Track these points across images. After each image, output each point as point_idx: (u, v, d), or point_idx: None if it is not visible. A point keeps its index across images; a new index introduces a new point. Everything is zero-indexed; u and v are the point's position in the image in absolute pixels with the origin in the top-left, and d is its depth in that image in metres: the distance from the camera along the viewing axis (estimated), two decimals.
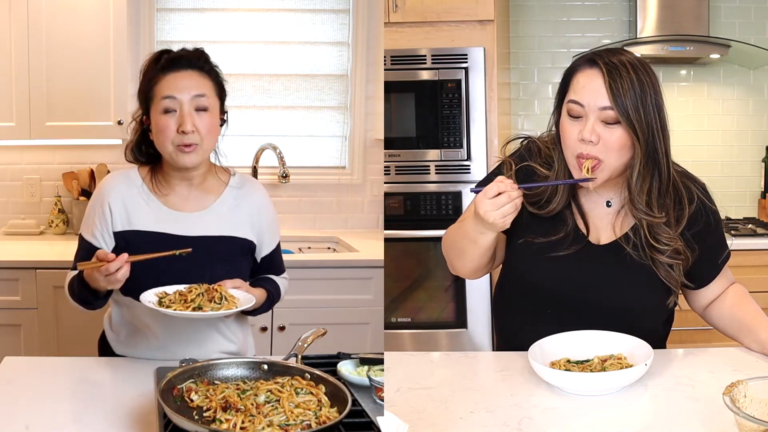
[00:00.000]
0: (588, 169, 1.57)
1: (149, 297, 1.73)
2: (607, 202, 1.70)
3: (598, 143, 1.54)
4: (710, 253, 1.72)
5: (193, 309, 1.68)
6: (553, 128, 1.69)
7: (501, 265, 1.85)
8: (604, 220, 1.70)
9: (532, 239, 1.69)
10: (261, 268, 2.00)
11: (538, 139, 1.75)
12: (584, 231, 1.68)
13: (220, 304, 1.71)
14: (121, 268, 1.65)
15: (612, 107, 1.52)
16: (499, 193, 1.52)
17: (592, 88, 1.54)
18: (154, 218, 1.85)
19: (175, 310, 1.68)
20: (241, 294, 1.79)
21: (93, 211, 1.86)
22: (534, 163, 1.72)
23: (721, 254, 1.75)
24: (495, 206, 1.52)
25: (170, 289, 1.75)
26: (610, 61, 1.54)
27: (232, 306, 1.72)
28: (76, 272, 1.81)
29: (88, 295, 1.77)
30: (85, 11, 3.17)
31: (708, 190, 1.75)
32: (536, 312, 1.72)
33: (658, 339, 1.76)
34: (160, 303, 1.71)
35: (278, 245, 2.04)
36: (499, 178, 1.55)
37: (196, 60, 1.83)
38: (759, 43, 3.62)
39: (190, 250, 1.76)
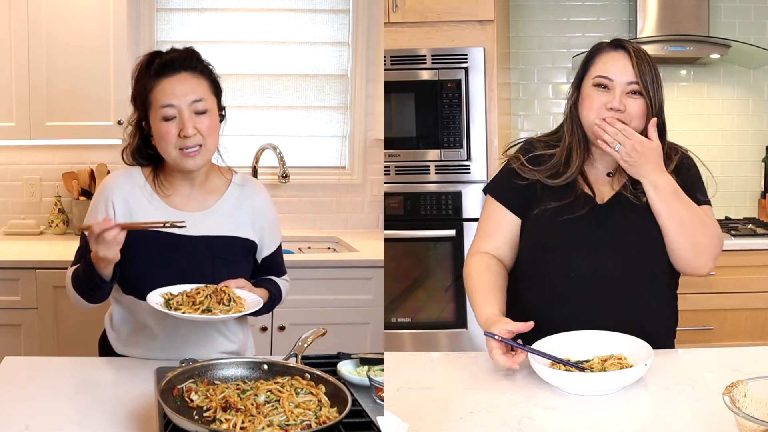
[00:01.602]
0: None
1: (156, 299, 1.72)
2: (609, 173, 1.88)
3: (624, 111, 1.77)
4: (687, 185, 1.85)
5: (202, 311, 1.68)
6: (569, 110, 1.87)
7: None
8: (605, 186, 1.87)
9: (546, 206, 1.83)
10: (262, 269, 2.00)
11: (533, 138, 1.96)
12: (591, 194, 1.84)
13: (228, 306, 1.71)
14: (109, 229, 1.63)
15: (637, 82, 1.77)
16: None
17: (619, 66, 1.78)
18: (156, 217, 1.85)
19: (184, 312, 1.67)
20: (247, 295, 1.79)
21: (96, 209, 1.86)
22: (533, 147, 1.91)
23: (699, 191, 1.89)
24: (504, 365, 1.60)
25: (175, 289, 1.75)
26: (632, 47, 1.81)
27: (240, 308, 1.72)
28: (78, 265, 1.81)
29: (95, 278, 1.73)
30: (85, 11, 3.17)
31: (690, 152, 1.93)
32: (554, 273, 1.80)
33: (671, 292, 1.86)
34: (167, 304, 1.70)
35: (279, 246, 2.04)
36: (506, 362, 1.59)
37: (188, 61, 1.82)
38: (759, 43, 3.62)
39: (184, 224, 1.75)
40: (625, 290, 1.76)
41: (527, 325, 1.61)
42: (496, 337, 1.60)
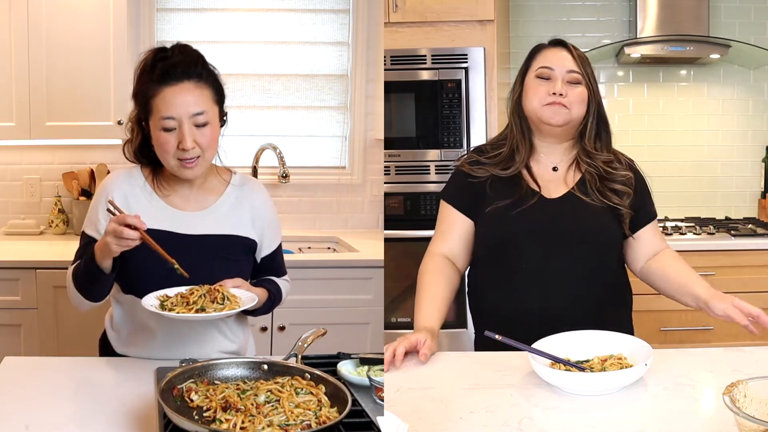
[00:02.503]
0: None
1: (151, 301, 1.72)
2: (554, 167, 1.97)
3: (566, 96, 1.88)
4: (642, 203, 1.96)
5: (196, 311, 1.68)
6: (514, 105, 1.97)
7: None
8: (553, 181, 1.96)
9: (498, 204, 1.91)
10: (262, 269, 2.00)
11: (483, 144, 2.08)
12: (537, 189, 1.93)
13: (222, 304, 1.71)
14: (134, 229, 1.64)
15: (577, 71, 1.91)
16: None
17: (560, 57, 1.92)
18: (156, 216, 1.85)
19: (178, 313, 1.68)
20: (243, 293, 1.79)
21: (96, 208, 1.86)
22: (483, 152, 2.01)
23: (651, 208, 2.00)
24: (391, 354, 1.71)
25: (171, 291, 1.75)
26: (570, 45, 1.96)
27: (234, 306, 1.72)
28: (79, 261, 1.81)
29: (95, 269, 1.73)
30: (85, 11, 3.17)
31: (636, 163, 2.02)
32: (509, 267, 1.88)
33: (620, 279, 1.97)
34: (162, 306, 1.71)
35: (280, 246, 2.04)
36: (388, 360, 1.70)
37: (192, 68, 1.78)
38: (759, 43, 3.62)
39: (187, 276, 1.74)
40: (577, 281, 1.85)
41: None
42: (497, 337, 1.61)
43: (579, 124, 1.94)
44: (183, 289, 1.74)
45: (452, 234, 1.99)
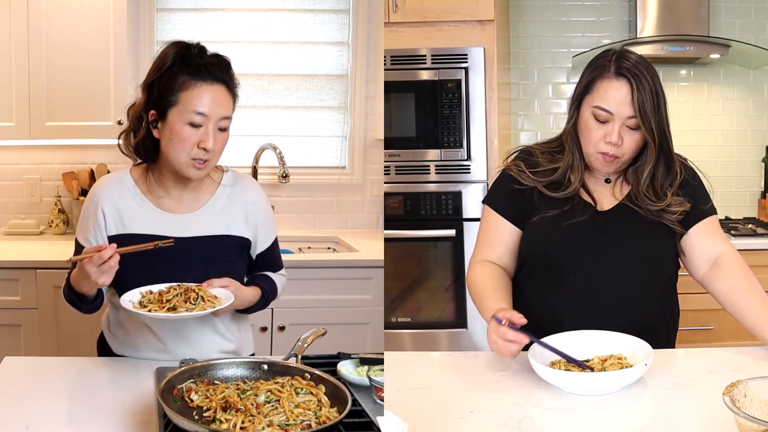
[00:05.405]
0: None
1: (130, 297, 1.72)
2: (606, 179, 1.88)
3: (621, 146, 1.75)
4: (694, 201, 1.84)
5: (168, 310, 1.68)
6: (570, 129, 1.84)
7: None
8: (604, 192, 1.87)
9: (545, 213, 1.83)
10: (258, 266, 1.99)
11: (531, 147, 1.93)
12: (591, 202, 1.85)
13: (195, 304, 1.70)
14: (112, 256, 1.63)
15: (635, 116, 1.72)
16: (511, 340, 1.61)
17: (619, 99, 1.72)
18: (147, 220, 1.84)
19: (150, 311, 1.67)
20: (222, 292, 1.77)
21: (87, 216, 1.85)
22: (531, 156, 1.90)
23: (705, 205, 1.86)
24: (502, 349, 1.61)
25: (155, 288, 1.75)
26: (634, 74, 1.72)
27: (208, 306, 1.70)
28: (63, 286, 1.81)
29: (75, 299, 1.77)
30: (85, 11, 3.17)
31: (688, 161, 1.93)
32: (555, 279, 1.80)
33: (671, 295, 1.86)
34: (141, 304, 1.71)
35: (275, 241, 2.02)
36: (511, 336, 1.59)
37: (226, 75, 1.79)
38: (759, 43, 3.62)
39: (172, 242, 1.75)
40: (626, 296, 1.76)
41: (521, 321, 1.61)
42: (503, 322, 1.59)
43: (630, 159, 1.81)
44: (164, 286, 1.74)
45: (501, 245, 1.89)
